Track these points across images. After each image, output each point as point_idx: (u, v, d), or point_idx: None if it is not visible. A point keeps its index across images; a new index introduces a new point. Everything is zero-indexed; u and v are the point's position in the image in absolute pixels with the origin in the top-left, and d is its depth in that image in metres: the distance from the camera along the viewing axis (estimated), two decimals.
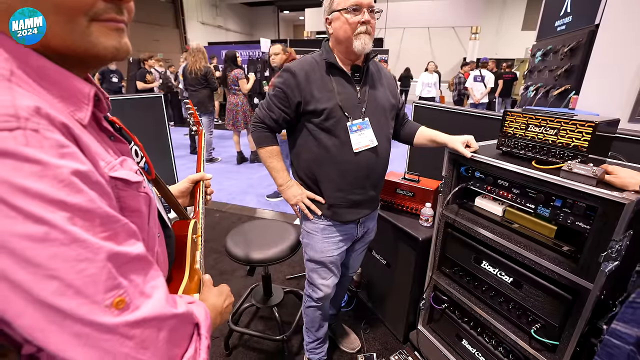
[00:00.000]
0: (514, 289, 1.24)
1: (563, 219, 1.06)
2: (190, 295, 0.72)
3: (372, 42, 1.19)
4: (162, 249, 0.64)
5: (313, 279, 1.45)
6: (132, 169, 0.50)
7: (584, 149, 1.05)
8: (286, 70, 1.23)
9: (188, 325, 0.46)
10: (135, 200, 0.49)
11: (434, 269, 1.58)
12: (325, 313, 1.56)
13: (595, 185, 0.94)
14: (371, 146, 1.25)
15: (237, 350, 1.84)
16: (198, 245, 0.87)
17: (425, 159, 2.29)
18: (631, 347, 0.71)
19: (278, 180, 1.34)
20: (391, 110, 1.35)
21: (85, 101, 0.46)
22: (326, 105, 1.19)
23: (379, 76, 1.34)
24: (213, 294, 0.74)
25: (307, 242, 1.41)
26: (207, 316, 0.50)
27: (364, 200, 1.33)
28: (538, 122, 1.16)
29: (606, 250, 0.92)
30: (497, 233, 1.25)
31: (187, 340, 0.45)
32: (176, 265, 0.75)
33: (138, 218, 0.50)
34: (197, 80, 4.36)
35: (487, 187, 1.29)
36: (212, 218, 3.42)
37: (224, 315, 0.72)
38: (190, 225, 0.82)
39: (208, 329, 0.49)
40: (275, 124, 1.28)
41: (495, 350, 1.37)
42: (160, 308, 0.41)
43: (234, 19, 17.18)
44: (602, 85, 3.30)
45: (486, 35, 13.39)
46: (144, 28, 11.65)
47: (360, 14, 1.13)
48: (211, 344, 1.93)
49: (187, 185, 0.98)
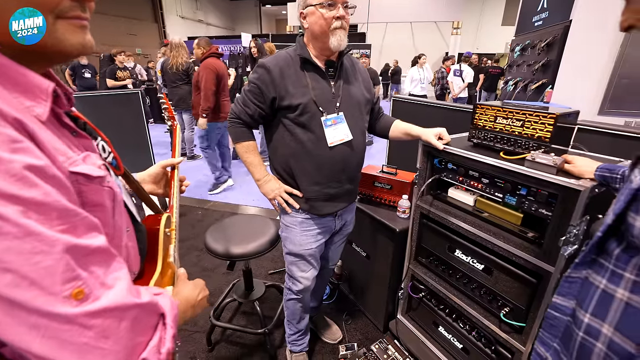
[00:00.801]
0: (485, 276, 1.29)
1: (528, 206, 1.11)
2: (163, 288, 0.73)
3: (347, 38, 1.20)
4: (133, 243, 0.64)
5: (292, 271, 1.47)
6: (95, 164, 0.50)
7: (547, 140, 1.10)
8: (261, 66, 1.23)
9: (153, 315, 0.47)
10: (97, 194, 0.50)
11: (411, 259, 1.62)
12: (305, 305, 1.58)
13: (556, 174, 0.99)
14: (346, 140, 1.26)
15: (219, 345, 1.85)
16: (172, 239, 0.88)
17: (404, 152, 2.34)
18: (568, 317, 0.77)
19: (255, 175, 1.35)
20: (366, 105, 1.37)
21: (43, 97, 0.45)
22: (301, 100, 1.20)
23: (353, 71, 1.35)
24: (187, 287, 0.75)
25: (286, 236, 1.42)
26: (172, 307, 0.51)
27: (340, 194, 1.35)
28: (505, 115, 1.20)
29: (565, 235, 0.97)
30: (469, 222, 1.30)
31: (151, 330, 0.46)
32: (149, 259, 0.76)
33: (101, 212, 0.50)
34: (178, 76, 4.27)
35: (458, 177, 1.34)
36: (194, 215, 3.39)
37: (196, 308, 0.73)
38: (163, 219, 0.83)
39: (174, 319, 0.50)
40: (251, 120, 1.29)
41: (469, 335, 1.42)
42: (122, 298, 0.42)
43: (215, 13, 16.87)
44: (574, 80, 3.43)
45: (467, 30, 13.61)
46: (121, 22, 11.30)
47: (335, 9, 1.14)
48: (192, 337, 1.91)
49: (157, 169, 0.97)
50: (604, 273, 0.69)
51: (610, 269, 0.68)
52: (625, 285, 0.64)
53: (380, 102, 1.53)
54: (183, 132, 4.92)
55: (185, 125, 4.79)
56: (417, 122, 1.44)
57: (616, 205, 0.68)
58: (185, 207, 3.52)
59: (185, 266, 2.86)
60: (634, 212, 0.62)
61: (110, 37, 10.48)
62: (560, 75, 3.53)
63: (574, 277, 0.77)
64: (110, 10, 10.70)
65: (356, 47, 9.77)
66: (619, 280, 0.65)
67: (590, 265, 0.74)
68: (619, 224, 0.67)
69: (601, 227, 0.70)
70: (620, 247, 0.67)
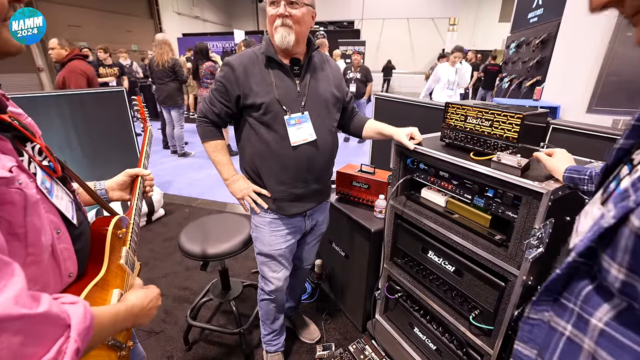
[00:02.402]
0: (456, 278, 1.28)
1: (495, 208, 1.09)
2: (109, 289, 0.72)
3: (294, 35, 1.15)
4: (67, 245, 0.64)
5: (264, 272, 1.45)
6: (4, 166, 0.49)
7: (514, 140, 1.07)
8: (226, 64, 1.22)
9: (51, 326, 0.45)
10: (4, 195, 0.49)
11: (386, 259, 1.61)
12: (279, 305, 1.56)
13: (521, 176, 0.97)
14: (310, 140, 1.24)
15: (197, 345, 1.84)
16: (125, 241, 0.86)
17: (387, 152, 2.31)
18: None
19: (223, 174, 1.33)
20: (335, 103, 1.34)
21: None
22: (264, 99, 1.18)
23: (322, 68, 1.32)
24: (135, 295, 0.74)
25: (256, 236, 1.41)
26: (85, 318, 0.49)
27: (307, 194, 1.33)
28: (475, 114, 1.18)
29: (528, 238, 0.95)
30: (440, 223, 1.28)
31: (49, 341, 0.44)
32: (95, 260, 0.75)
33: (10, 211, 0.50)
34: (165, 73, 4.24)
35: (430, 178, 1.32)
36: (181, 214, 3.37)
37: (141, 317, 0.72)
38: (113, 221, 0.81)
39: (81, 332, 0.48)
40: (218, 118, 1.27)
41: (442, 337, 1.41)
42: (5, 308, 0.40)
43: (211, 9, 16.73)
44: (564, 77, 3.40)
45: (464, 27, 13.54)
46: (116, 19, 11.18)
47: (276, 6, 1.12)
48: (169, 336, 1.87)
49: (123, 178, 0.99)
50: (568, 317, 0.55)
51: (576, 312, 0.54)
52: (591, 335, 0.50)
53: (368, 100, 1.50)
54: (173, 129, 4.89)
55: (175, 123, 4.75)
56: (397, 121, 1.42)
57: (580, 239, 0.54)
58: (172, 205, 3.50)
59: (170, 265, 2.84)
60: (609, 257, 0.48)
61: (106, 33, 10.40)
62: (550, 72, 3.50)
63: (534, 319, 0.63)
64: (106, 6, 10.61)
65: (350, 43, 9.72)
66: (585, 328, 0.52)
67: (551, 305, 0.60)
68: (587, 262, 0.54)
69: (561, 266, 0.56)
70: (590, 286, 0.53)
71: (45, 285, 0.57)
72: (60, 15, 8.88)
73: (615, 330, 0.47)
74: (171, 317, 2.01)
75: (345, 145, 5.91)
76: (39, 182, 0.58)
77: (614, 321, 0.47)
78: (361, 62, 5.66)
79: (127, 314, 0.66)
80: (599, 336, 0.49)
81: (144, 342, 1.83)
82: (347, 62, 6.02)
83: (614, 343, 0.47)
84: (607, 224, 0.46)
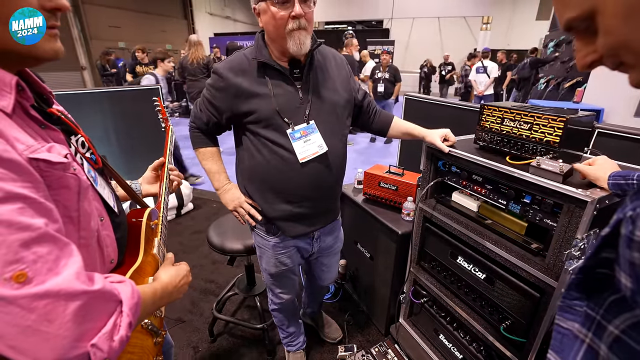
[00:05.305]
0: (486, 286, 1.23)
1: (532, 215, 1.05)
2: (145, 278, 0.75)
3: (311, 37, 1.02)
4: (109, 232, 0.67)
5: (271, 288, 1.42)
6: (60, 153, 0.53)
7: (556, 144, 1.02)
8: (214, 71, 1.10)
9: (106, 302, 0.48)
10: (61, 178, 0.52)
11: (413, 263, 1.58)
12: (291, 312, 1.53)
13: (563, 182, 0.92)
14: (320, 153, 1.10)
15: (221, 337, 1.89)
16: (157, 232, 0.90)
17: (415, 152, 2.27)
18: None
19: (214, 183, 1.24)
20: (345, 107, 1.18)
21: (7, 89, 0.48)
22: (261, 111, 1.05)
23: (326, 67, 1.15)
24: (167, 272, 0.76)
25: (260, 255, 1.34)
26: (133, 295, 0.52)
27: (314, 214, 1.21)
28: (513, 117, 1.13)
29: (569, 249, 0.90)
30: (471, 229, 1.24)
31: (105, 316, 0.47)
32: (132, 251, 0.79)
33: (66, 194, 0.53)
34: (199, 70, 4.46)
35: (462, 181, 1.28)
36: (209, 209, 3.46)
37: (175, 294, 0.75)
38: (146, 212, 0.85)
39: (132, 307, 0.50)
40: (206, 127, 1.18)
41: (470, 346, 1.37)
42: (68, 283, 0.42)
43: (242, 10, 17.08)
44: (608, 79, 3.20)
45: (498, 25, 13.00)
46: (152, 19, 11.70)
47: (289, 6, 0.94)
48: (195, 327, 1.93)
49: (149, 173, 1.04)
50: (590, 324, 0.54)
51: (597, 320, 0.53)
52: (606, 340, 0.50)
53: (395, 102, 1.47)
54: None
55: None
56: (428, 122, 1.38)
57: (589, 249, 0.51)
58: (201, 200, 3.61)
59: (197, 258, 2.93)
60: (619, 265, 0.47)
61: (143, 34, 10.90)
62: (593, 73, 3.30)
63: (565, 328, 0.60)
64: (142, 7, 11.11)
65: (379, 43, 9.61)
66: (602, 334, 0.51)
67: (580, 315, 0.58)
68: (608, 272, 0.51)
69: (571, 277, 0.53)
70: (614, 296, 0.52)
71: (93, 269, 0.61)
72: (103, 17, 9.39)
73: (629, 338, 0.46)
74: (197, 308, 2.07)
75: (371, 146, 5.85)
76: (85, 171, 0.62)
77: (631, 329, 0.47)
78: (390, 62, 5.58)
79: (163, 292, 0.69)
80: (614, 342, 0.48)
81: (172, 329, 1.90)
82: (376, 61, 5.95)
83: (627, 351, 0.46)
84: (604, 233, 0.48)
